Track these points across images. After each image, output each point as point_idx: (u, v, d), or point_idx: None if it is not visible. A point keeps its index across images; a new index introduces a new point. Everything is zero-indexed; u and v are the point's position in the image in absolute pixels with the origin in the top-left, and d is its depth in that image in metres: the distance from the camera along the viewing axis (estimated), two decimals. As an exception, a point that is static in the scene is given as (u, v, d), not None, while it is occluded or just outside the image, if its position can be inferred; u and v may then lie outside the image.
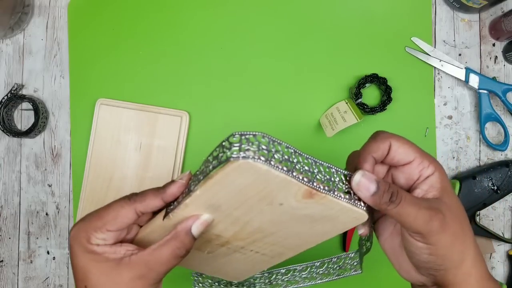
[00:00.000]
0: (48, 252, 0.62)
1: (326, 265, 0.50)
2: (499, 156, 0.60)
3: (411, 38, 0.60)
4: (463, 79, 0.59)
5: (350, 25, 0.61)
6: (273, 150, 0.29)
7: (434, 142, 0.60)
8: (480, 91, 0.59)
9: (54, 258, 0.62)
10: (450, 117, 0.61)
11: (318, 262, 0.48)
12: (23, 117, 0.63)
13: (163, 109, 0.60)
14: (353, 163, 0.34)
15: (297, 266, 0.47)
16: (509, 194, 0.58)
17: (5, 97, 0.60)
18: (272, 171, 0.28)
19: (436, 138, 0.60)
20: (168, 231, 0.33)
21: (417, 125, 0.60)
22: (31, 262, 0.62)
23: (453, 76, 0.60)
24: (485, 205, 0.56)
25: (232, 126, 0.61)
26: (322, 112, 0.60)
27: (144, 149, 0.60)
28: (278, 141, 0.29)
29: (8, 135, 0.60)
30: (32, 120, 0.61)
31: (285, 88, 0.61)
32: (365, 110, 0.58)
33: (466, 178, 0.56)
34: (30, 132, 0.60)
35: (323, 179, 0.30)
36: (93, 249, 0.31)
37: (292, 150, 0.29)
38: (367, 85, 0.59)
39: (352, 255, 0.49)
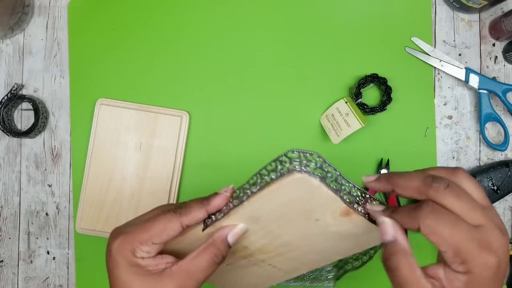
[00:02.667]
0: (48, 252, 0.62)
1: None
2: (499, 156, 0.60)
3: (411, 38, 0.60)
4: (463, 79, 0.59)
5: (350, 25, 0.61)
6: (325, 169, 0.31)
7: (434, 142, 0.60)
8: (480, 91, 0.59)
9: (54, 258, 0.62)
10: (450, 117, 0.61)
11: None
12: (23, 117, 0.63)
13: (163, 109, 0.60)
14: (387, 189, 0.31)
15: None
16: (509, 194, 0.58)
17: (5, 97, 0.60)
18: (323, 188, 0.30)
19: (436, 138, 0.60)
20: (201, 240, 0.33)
21: (417, 125, 0.60)
22: (31, 262, 0.62)
23: (453, 76, 0.60)
24: (485, 205, 0.56)
25: (232, 125, 0.61)
26: (321, 112, 0.60)
27: (144, 149, 0.60)
28: (328, 163, 0.32)
29: (8, 135, 0.60)
30: (32, 120, 0.61)
31: (285, 88, 0.61)
32: (365, 110, 0.58)
33: (466, 178, 0.56)
34: (30, 132, 0.60)
35: (360, 202, 0.33)
36: (137, 262, 0.31)
37: (338, 173, 0.32)
38: (369, 85, 0.59)
39: (330, 268, 0.52)
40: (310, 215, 0.33)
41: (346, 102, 0.58)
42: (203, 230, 0.34)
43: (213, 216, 0.34)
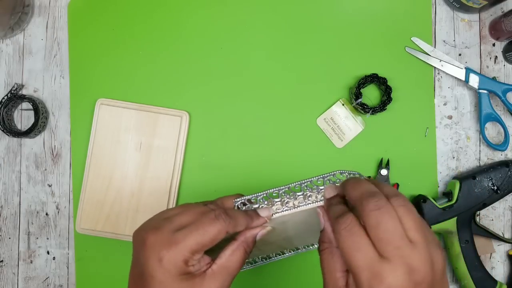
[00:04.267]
0: (48, 252, 0.62)
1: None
2: (499, 156, 0.60)
3: (411, 38, 0.60)
4: (463, 79, 0.59)
5: (350, 25, 0.61)
6: None
7: (434, 142, 0.60)
8: (480, 91, 0.59)
9: (54, 258, 0.62)
10: (450, 117, 0.61)
11: None
12: (23, 117, 0.63)
13: (163, 109, 0.60)
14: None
15: None
16: (509, 194, 0.58)
17: (5, 97, 0.60)
18: None
19: (436, 138, 0.60)
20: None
21: (417, 125, 0.60)
22: (31, 262, 0.62)
23: (453, 76, 0.60)
24: (485, 205, 0.56)
25: (232, 125, 0.61)
26: (321, 111, 0.60)
27: (144, 149, 0.60)
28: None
29: (8, 135, 0.60)
30: (32, 120, 0.61)
31: (285, 87, 0.61)
32: (365, 110, 0.58)
33: (466, 178, 0.56)
34: (30, 132, 0.60)
35: None
36: (189, 271, 0.31)
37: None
38: (369, 84, 0.59)
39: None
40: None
41: (343, 104, 0.58)
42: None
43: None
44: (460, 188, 0.56)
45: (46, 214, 0.62)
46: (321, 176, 0.35)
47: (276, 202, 0.36)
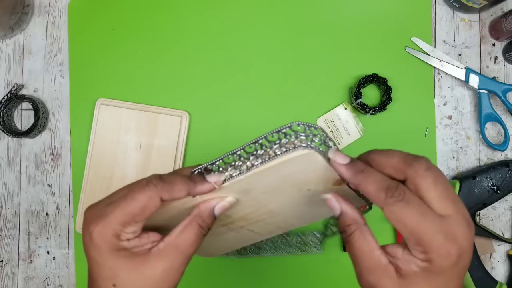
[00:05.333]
0: (48, 252, 0.62)
1: (291, 237, 0.57)
2: (499, 156, 0.60)
3: (411, 38, 0.60)
4: (463, 79, 0.59)
5: (350, 25, 0.61)
6: (328, 144, 0.30)
7: (434, 142, 0.60)
8: (480, 91, 0.59)
9: (54, 258, 0.62)
10: (450, 117, 0.61)
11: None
12: (23, 117, 0.63)
13: (163, 109, 0.60)
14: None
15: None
16: (509, 194, 0.58)
17: (5, 97, 0.60)
18: (327, 164, 0.29)
19: (436, 138, 0.60)
20: (185, 212, 0.31)
21: (417, 125, 0.60)
22: (31, 262, 0.62)
23: (453, 76, 0.60)
24: (485, 205, 0.56)
25: (232, 125, 0.61)
26: (322, 112, 0.60)
27: (144, 149, 0.60)
28: (329, 137, 0.31)
29: (8, 135, 0.60)
30: (32, 120, 0.61)
31: (285, 88, 0.61)
32: (365, 110, 0.58)
33: (466, 178, 0.56)
34: (30, 132, 0.60)
35: None
36: (123, 246, 0.29)
37: (337, 147, 0.31)
38: (369, 84, 0.59)
39: (319, 235, 0.55)
40: (303, 186, 0.32)
41: (345, 108, 0.58)
42: (193, 196, 0.32)
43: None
44: (460, 188, 0.56)
45: (46, 214, 0.62)
46: (275, 130, 0.30)
47: (230, 167, 0.31)
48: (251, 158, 0.30)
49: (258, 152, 0.30)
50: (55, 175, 0.62)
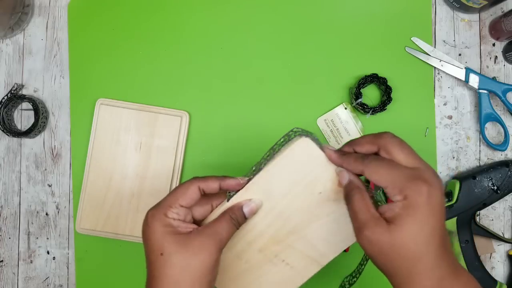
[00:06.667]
0: (48, 252, 0.62)
1: None
2: (499, 156, 0.60)
3: (411, 38, 0.60)
4: (463, 79, 0.59)
5: (350, 25, 0.61)
6: (320, 143, 0.39)
7: (434, 142, 0.60)
8: (480, 91, 0.59)
9: (54, 258, 0.62)
10: (450, 117, 0.61)
11: None
12: (23, 117, 0.63)
13: (163, 109, 0.60)
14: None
15: None
16: (509, 194, 0.58)
17: (5, 97, 0.60)
18: (321, 152, 0.38)
19: (436, 138, 0.60)
20: None
21: (417, 125, 0.60)
22: (31, 262, 0.62)
23: (453, 76, 0.60)
24: (485, 205, 0.56)
25: (232, 125, 0.61)
26: (322, 112, 0.60)
27: (144, 149, 0.60)
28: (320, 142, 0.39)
29: (8, 135, 0.60)
30: (32, 120, 0.61)
31: (285, 87, 0.61)
32: (365, 110, 0.58)
33: (466, 178, 0.56)
34: (30, 132, 0.60)
35: None
36: (169, 222, 0.37)
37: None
38: (369, 84, 0.59)
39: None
40: (314, 188, 0.39)
41: (345, 108, 0.58)
42: (227, 200, 0.40)
43: (231, 193, 0.40)
44: (460, 188, 0.56)
45: (46, 214, 0.62)
46: (282, 136, 0.40)
47: (252, 173, 0.40)
48: (267, 161, 0.40)
49: (271, 155, 0.40)
50: (55, 175, 0.62)
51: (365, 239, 0.33)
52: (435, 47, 0.61)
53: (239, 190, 0.40)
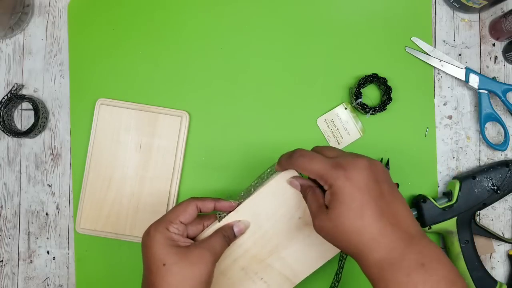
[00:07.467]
0: (48, 252, 0.62)
1: None
2: (499, 156, 0.60)
3: (411, 38, 0.60)
4: (463, 79, 0.59)
5: (350, 25, 0.61)
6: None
7: (434, 142, 0.60)
8: (480, 91, 0.59)
9: (54, 258, 0.62)
10: (450, 117, 0.61)
11: None
12: (23, 117, 0.63)
13: (163, 109, 0.60)
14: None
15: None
16: (509, 194, 0.58)
17: (5, 97, 0.60)
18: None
19: (436, 138, 0.60)
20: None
21: (417, 125, 0.60)
22: (31, 262, 0.62)
23: (453, 76, 0.60)
24: (485, 205, 0.56)
25: (232, 125, 0.61)
26: (322, 112, 0.60)
27: (144, 149, 0.60)
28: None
29: (8, 135, 0.60)
30: (32, 120, 0.61)
31: (285, 87, 0.61)
32: (365, 110, 0.58)
33: (466, 178, 0.56)
34: (30, 132, 0.60)
35: None
36: (171, 236, 0.41)
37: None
38: (369, 84, 0.59)
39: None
40: (294, 213, 0.46)
41: (345, 108, 0.59)
42: (219, 221, 0.46)
43: (222, 214, 0.46)
44: (460, 188, 0.56)
45: (46, 214, 0.62)
46: (269, 167, 0.47)
47: (242, 193, 0.47)
48: (256, 187, 0.46)
49: (259, 182, 0.47)
50: (55, 175, 0.62)
51: (317, 227, 0.38)
52: (435, 47, 0.61)
53: (230, 212, 0.45)
